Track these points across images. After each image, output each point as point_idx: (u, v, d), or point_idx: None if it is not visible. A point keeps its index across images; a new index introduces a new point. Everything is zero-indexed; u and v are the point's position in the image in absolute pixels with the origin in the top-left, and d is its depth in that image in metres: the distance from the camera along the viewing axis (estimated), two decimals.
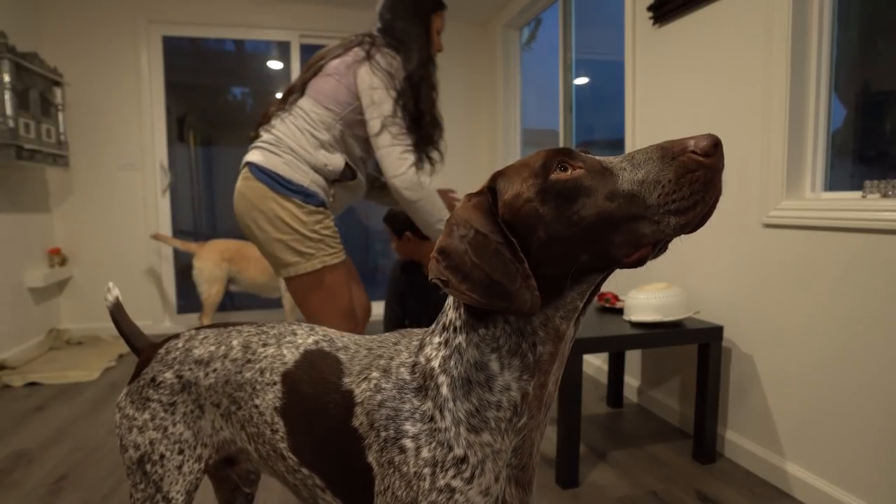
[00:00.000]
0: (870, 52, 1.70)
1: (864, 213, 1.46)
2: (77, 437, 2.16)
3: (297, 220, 1.50)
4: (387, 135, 1.52)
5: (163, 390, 0.88)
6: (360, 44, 1.59)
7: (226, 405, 0.87)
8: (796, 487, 1.68)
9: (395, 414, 0.69)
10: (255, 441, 0.85)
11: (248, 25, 3.93)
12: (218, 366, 0.87)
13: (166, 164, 3.87)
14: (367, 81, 1.53)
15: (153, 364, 0.90)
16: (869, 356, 1.47)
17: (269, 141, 1.57)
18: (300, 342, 0.86)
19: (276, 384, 0.81)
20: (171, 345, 0.92)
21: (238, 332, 0.91)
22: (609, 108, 2.80)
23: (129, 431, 0.87)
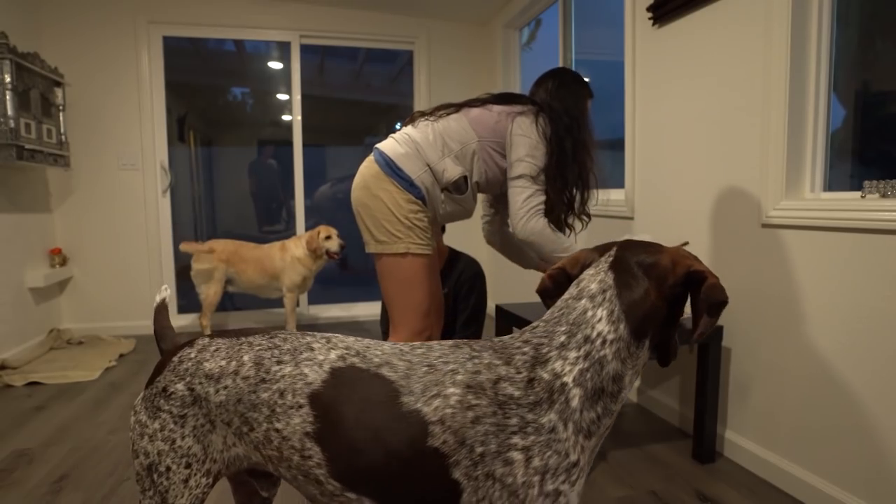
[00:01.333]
0: (869, 51, 1.71)
1: (863, 213, 1.46)
2: (77, 436, 2.17)
3: (395, 204, 1.62)
4: (521, 178, 1.65)
5: (174, 401, 0.85)
6: (525, 103, 1.73)
7: (237, 424, 0.83)
8: (796, 487, 1.68)
9: (497, 430, 0.71)
10: (276, 463, 0.82)
11: (248, 26, 3.94)
12: (229, 383, 0.83)
13: (167, 164, 3.88)
14: (523, 129, 1.66)
15: (166, 373, 0.88)
16: (869, 356, 1.47)
17: (401, 134, 1.71)
18: (321, 358, 0.82)
19: (303, 407, 0.78)
20: (183, 354, 0.90)
21: (249, 346, 0.87)
22: (609, 108, 2.80)
23: (141, 438, 0.86)
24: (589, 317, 0.76)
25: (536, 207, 1.66)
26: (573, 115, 1.71)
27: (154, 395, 0.87)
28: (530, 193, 1.65)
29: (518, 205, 1.66)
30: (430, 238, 1.68)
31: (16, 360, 3.00)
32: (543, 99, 1.75)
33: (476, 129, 1.68)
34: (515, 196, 1.66)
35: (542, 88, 1.78)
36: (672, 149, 2.21)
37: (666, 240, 2.25)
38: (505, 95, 1.77)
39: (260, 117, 4.39)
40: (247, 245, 3.58)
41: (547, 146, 1.66)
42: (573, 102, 1.73)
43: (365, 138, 4.67)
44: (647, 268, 0.79)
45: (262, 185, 4.42)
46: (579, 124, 1.71)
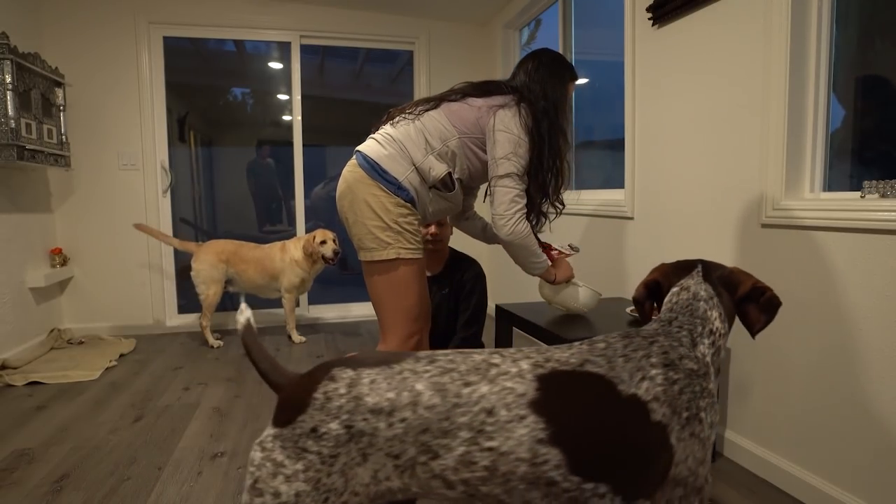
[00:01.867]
0: (869, 51, 1.71)
1: (862, 213, 1.46)
2: (78, 436, 2.17)
3: (382, 209, 1.58)
4: (506, 177, 1.62)
5: (325, 442, 0.81)
6: (504, 93, 1.69)
7: (411, 454, 0.82)
8: (796, 487, 1.68)
9: (692, 396, 0.89)
10: (480, 484, 0.83)
11: (248, 26, 3.94)
12: (407, 415, 0.82)
13: (167, 164, 3.88)
14: (504, 123, 1.62)
15: (311, 412, 0.83)
16: (868, 356, 1.47)
17: (382, 135, 1.67)
18: (514, 371, 0.86)
19: (526, 417, 0.82)
20: (329, 390, 0.84)
21: (415, 374, 0.86)
22: (609, 109, 2.80)
23: (273, 477, 0.80)
24: (709, 315, 0.99)
25: (521, 210, 1.64)
26: (551, 99, 1.67)
27: (298, 435, 0.82)
28: (515, 194, 1.63)
29: (504, 206, 1.63)
30: (419, 242, 1.65)
31: (16, 359, 3.01)
32: (523, 81, 1.71)
33: (456, 125, 1.64)
34: (501, 196, 1.63)
35: (523, 70, 1.75)
36: (672, 149, 2.21)
37: (666, 239, 2.25)
38: (484, 86, 1.71)
39: (260, 117, 4.39)
40: (247, 245, 3.58)
41: (529, 139, 1.63)
42: (552, 85, 1.69)
43: (364, 139, 4.66)
44: (724, 281, 1.06)
45: (260, 185, 4.42)
46: (556, 108, 1.68)
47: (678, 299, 1.04)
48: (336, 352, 3.38)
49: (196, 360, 3.22)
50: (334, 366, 0.89)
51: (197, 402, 2.55)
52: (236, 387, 2.76)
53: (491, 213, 1.67)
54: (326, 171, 4.47)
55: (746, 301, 1.04)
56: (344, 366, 0.88)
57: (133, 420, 2.33)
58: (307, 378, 0.88)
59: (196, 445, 2.09)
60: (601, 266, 2.73)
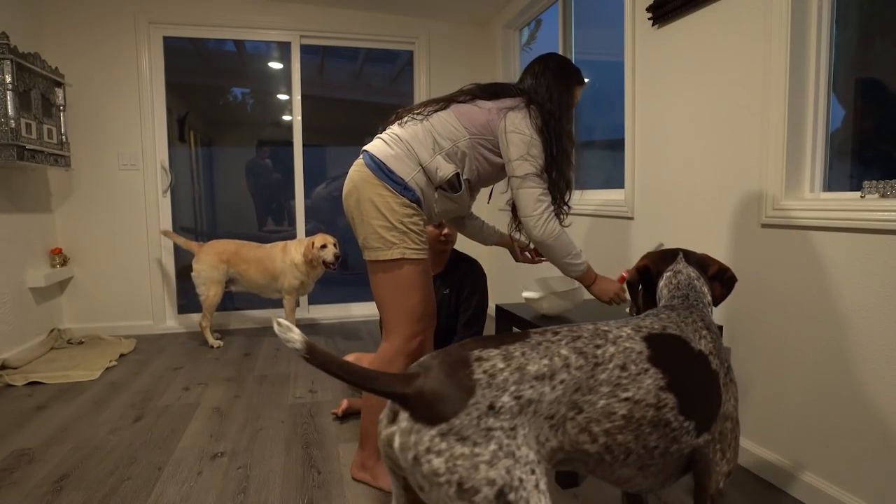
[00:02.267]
0: (869, 51, 1.71)
1: (862, 213, 1.46)
2: (78, 436, 2.17)
3: (388, 209, 1.59)
4: (526, 178, 1.62)
5: (504, 415, 0.84)
6: (513, 95, 1.69)
7: (562, 413, 0.91)
8: (796, 487, 1.68)
9: (724, 350, 1.14)
10: (617, 432, 0.95)
11: (248, 26, 3.94)
12: (565, 376, 0.91)
13: (167, 164, 3.88)
14: (515, 125, 1.62)
15: (481, 391, 0.84)
16: (868, 356, 1.47)
17: (389, 134, 1.67)
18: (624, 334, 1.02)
19: (650, 370, 0.99)
20: (487, 368, 0.86)
21: (552, 343, 0.94)
22: (609, 109, 2.80)
23: (476, 470, 0.79)
24: (704, 290, 1.24)
25: (548, 208, 1.63)
26: (556, 101, 1.68)
27: (477, 417, 0.82)
28: (539, 193, 1.62)
29: (531, 207, 1.62)
30: (424, 242, 1.66)
31: (16, 359, 3.01)
32: (530, 85, 1.72)
33: (466, 126, 1.64)
34: (525, 198, 1.62)
35: (530, 73, 1.75)
36: (672, 149, 2.21)
37: (666, 239, 2.25)
38: (492, 88, 1.72)
39: (260, 117, 4.39)
40: (249, 245, 3.57)
41: (541, 139, 1.63)
42: (558, 89, 1.69)
43: (365, 138, 4.65)
44: (699, 264, 1.30)
45: (258, 185, 4.42)
46: (562, 111, 1.68)
47: (678, 280, 1.25)
48: (336, 352, 3.38)
49: (196, 360, 3.22)
50: (469, 349, 0.90)
51: (197, 402, 2.55)
52: (236, 387, 2.76)
53: (520, 217, 1.67)
54: (326, 171, 4.47)
55: (713, 279, 1.30)
56: (481, 346, 0.90)
57: (133, 420, 2.33)
58: (446, 366, 0.87)
59: (196, 445, 2.09)
60: (601, 266, 2.73)
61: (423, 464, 0.80)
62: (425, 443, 0.80)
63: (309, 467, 1.91)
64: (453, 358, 0.88)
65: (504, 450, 0.82)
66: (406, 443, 0.82)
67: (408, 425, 0.82)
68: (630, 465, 1.00)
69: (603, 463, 0.98)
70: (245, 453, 2.02)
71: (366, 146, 1.69)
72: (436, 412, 0.82)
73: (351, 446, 2.07)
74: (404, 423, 0.83)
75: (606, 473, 1.02)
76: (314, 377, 2.90)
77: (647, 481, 1.05)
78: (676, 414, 1.00)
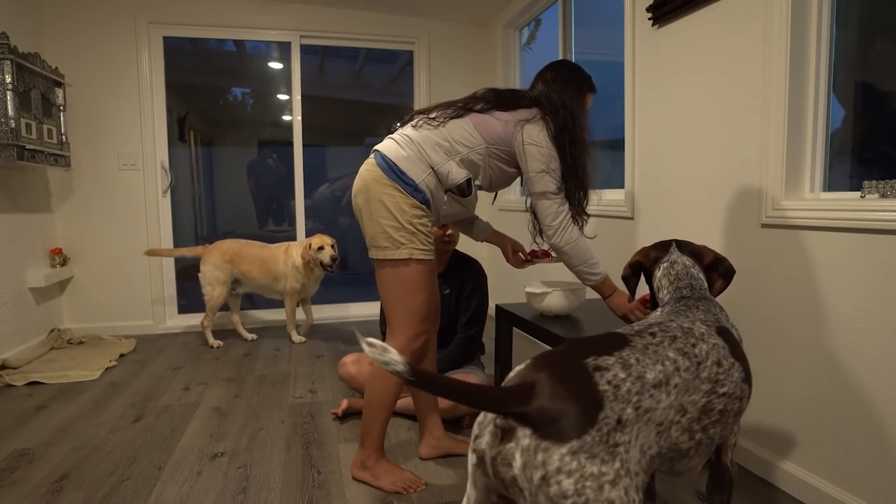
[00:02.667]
0: (869, 52, 1.71)
1: (862, 213, 1.46)
2: (78, 436, 2.17)
3: (398, 209, 1.60)
4: (544, 193, 1.65)
5: (627, 429, 0.80)
6: (527, 106, 1.70)
7: (670, 418, 0.90)
8: (796, 487, 1.68)
9: None
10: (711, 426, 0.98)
11: (248, 26, 3.94)
12: (677, 380, 0.91)
13: (167, 164, 3.88)
14: (533, 137, 1.65)
15: (610, 405, 0.80)
16: (868, 356, 1.47)
17: (401, 135, 1.69)
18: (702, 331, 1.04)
19: (735, 363, 1.03)
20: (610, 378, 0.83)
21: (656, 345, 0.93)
22: (609, 109, 2.80)
23: (601, 491, 0.74)
24: (701, 277, 1.27)
25: (567, 217, 1.67)
26: (569, 110, 1.69)
27: (607, 433, 0.78)
28: (558, 205, 1.66)
29: (550, 217, 1.66)
30: (431, 243, 1.68)
31: (16, 359, 3.01)
32: (542, 92, 1.73)
33: (483, 135, 1.66)
34: (545, 209, 1.66)
35: (541, 81, 1.77)
36: (672, 149, 2.21)
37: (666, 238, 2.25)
38: (506, 97, 1.73)
39: (260, 117, 4.39)
40: (254, 244, 3.56)
41: (558, 150, 1.66)
42: (569, 97, 1.70)
43: (365, 138, 4.67)
44: (694, 254, 1.32)
45: (261, 185, 4.42)
46: (575, 119, 1.69)
47: (675, 271, 1.27)
48: (336, 352, 3.38)
49: (196, 360, 3.22)
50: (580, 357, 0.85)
51: (197, 402, 2.55)
52: (236, 387, 2.76)
53: (541, 226, 1.71)
54: (326, 171, 4.47)
55: (709, 269, 1.31)
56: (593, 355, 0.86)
57: (133, 420, 2.33)
58: (565, 377, 0.82)
59: (196, 445, 2.09)
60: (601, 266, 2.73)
61: (552, 485, 0.74)
62: (555, 462, 0.75)
63: (309, 467, 1.91)
64: (568, 368, 0.83)
65: (624, 467, 0.78)
66: (532, 462, 0.76)
67: (532, 443, 0.77)
68: (703, 454, 1.02)
69: (685, 458, 0.98)
70: (245, 453, 2.02)
71: (377, 146, 1.71)
72: (565, 429, 0.76)
73: (351, 446, 2.07)
74: (526, 441, 0.77)
75: (678, 466, 1.00)
76: (314, 377, 2.90)
77: (700, 465, 1.07)
78: (747, 402, 1.06)
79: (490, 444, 0.83)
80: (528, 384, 0.81)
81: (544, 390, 0.80)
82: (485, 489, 0.89)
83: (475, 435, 0.87)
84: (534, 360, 0.87)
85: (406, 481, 1.75)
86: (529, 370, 0.85)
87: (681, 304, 1.16)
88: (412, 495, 1.72)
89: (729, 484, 1.18)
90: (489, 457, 0.82)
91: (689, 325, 1.03)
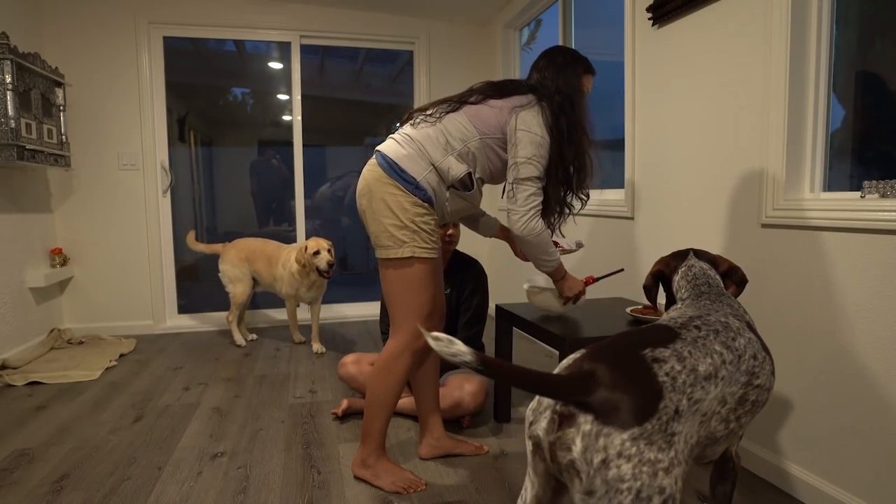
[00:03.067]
0: (869, 52, 1.71)
1: (862, 213, 1.46)
2: (78, 436, 2.17)
3: (400, 207, 1.61)
4: (527, 179, 1.65)
5: (682, 419, 0.85)
6: (523, 93, 1.70)
7: (713, 409, 0.94)
8: (796, 487, 1.69)
9: None
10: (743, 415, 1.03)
11: (248, 26, 3.94)
12: (724, 373, 0.96)
13: (167, 164, 3.88)
14: (526, 123, 1.64)
15: (669, 395, 0.84)
16: (868, 356, 1.47)
17: (401, 135, 1.70)
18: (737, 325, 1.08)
19: (767, 356, 1.09)
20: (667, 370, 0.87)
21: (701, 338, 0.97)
22: (609, 109, 2.80)
23: (655, 477, 0.78)
24: (719, 280, 1.30)
25: (537, 208, 1.67)
26: (565, 93, 1.69)
27: (666, 422, 0.82)
28: (532, 192, 1.65)
29: (521, 202, 1.66)
30: (435, 241, 1.68)
31: (16, 359, 3.01)
32: (537, 79, 1.74)
33: (477, 126, 1.67)
34: (519, 193, 1.66)
35: (536, 68, 1.77)
36: (672, 149, 2.21)
37: (666, 239, 2.25)
38: (501, 85, 1.74)
39: (260, 117, 4.39)
40: (269, 243, 3.55)
41: (551, 136, 1.66)
42: (565, 80, 1.71)
43: (365, 138, 4.67)
44: (710, 261, 1.37)
45: (263, 185, 4.42)
46: (572, 102, 1.69)
47: (693, 273, 1.31)
48: (337, 352, 3.38)
49: (196, 360, 3.22)
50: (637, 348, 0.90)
51: (197, 402, 2.55)
52: (236, 387, 2.76)
53: (507, 207, 1.70)
54: (326, 171, 4.47)
55: (724, 276, 1.36)
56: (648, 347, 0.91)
57: (133, 420, 2.33)
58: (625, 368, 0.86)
59: (196, 445, 2.09)
60: (601, 266, 2.73)
61: (612, 468, 0.78)
62: (616, 447, 0.78)
63: (309, 467, 1.91)
64: (628, 359, 0.87)
65: (678, 456, 0.81)
66: (593, 446, 0.79)
67: (593, 428, 0.80)
68: (730, 441, 1.07)
69: (716, 444, 1.03)
70: (245, 453, 2.02)
71: (378, 146, 1.71)
72: (626, 416, 0.80)
73: (351, 446, 2.07)
74: (588, 427, 0.80)
75: (707, 452, 1.05)
76: (314, 377, 2.90)
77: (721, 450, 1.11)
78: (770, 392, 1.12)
79: (547, 430, 0.85)
80: (588, 373, 0.85)
81: (605, 380, 0.83)
82: (545, 474, 0.92)
83: (530, 422, 0.90)
84: (590, 351, 0.91)
85: (406, 481, 1.75)
86: (586, 360, 0.88)
87: (702, 299, 1.19)
88: (412, 495, 1.72)
89: (733, 473, 1.22)
90: (546, 442, 0.85)
91: (725, 320, 1.06)
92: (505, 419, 2.29)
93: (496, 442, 2.11)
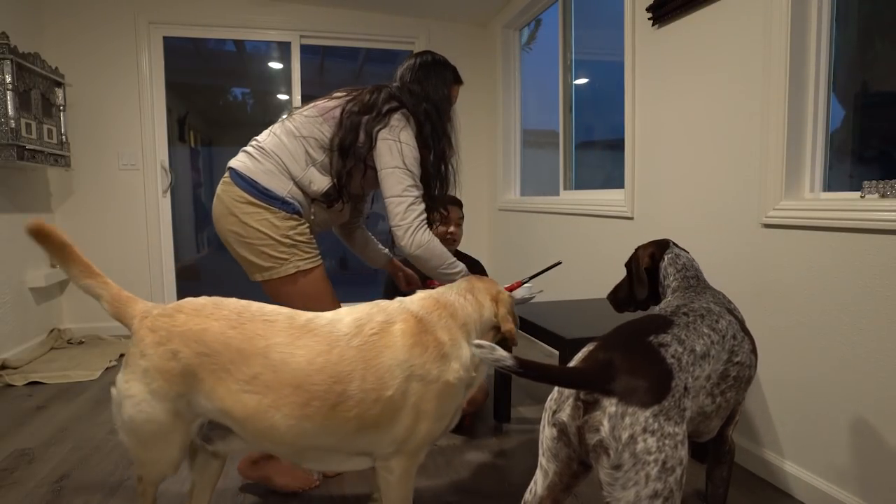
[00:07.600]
0: (869, 52, 1.71)
1: (862, 213, 1.46)
2: (78, 436, 2.17)
3: (270, 226, 1.52)
4: (399, 185, 1.53)
5: (690, 395, 0.94)
6: (386, 100, 1.60)
7: (701, 384, 1.02)
8: (796, 487, 1.69)
9: None
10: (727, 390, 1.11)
11: (248, 26, 3.94)
12: (714, 352, 1.05)
13: (167, 164, 3.88)
14: (391, 132, 1.55)
15: (678, 375, 0.93)
16: (868, 356, 1.47)
17: (255, 147, 1.60)
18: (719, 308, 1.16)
19: (745, 337, 1.17)
20: (672, 353, 0.96)
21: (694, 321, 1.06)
22: (609, 109, 2.81)
23: (676, 449, 0.86)
24: (701, 272, 1.38)
25: (420, 218, 1.54)
26: (433, 100, 1.62)
27: (678, 399, 0.90)
28: (410, 203, 1.52)
29: (399, 216, 1.52)
30: (314, 247, 1.59)
31: (16, 359, 3.01)
32: (405, 83, 1.66)
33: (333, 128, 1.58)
34: (394, 207, 1.52)
35: (406, 68, 1.69)
36: (672, 149, 2.21)
37: None
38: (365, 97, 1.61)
39: (260, 117, 4.40)
40: None
41: (417, 143, 1.57)
42: (433, 86, 1.64)
43: None
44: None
45: None
46: (439, 110, 1.63)
47: (682, 262, 1.38)
48: None
49: None
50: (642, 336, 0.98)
51: None
52: None
53: (390, 225, 1.55)
54: None
55: None
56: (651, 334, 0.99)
57: None
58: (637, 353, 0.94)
59: None
60: (601, 266, 2.73)
61: (639, 442, 0.85)
62: (641, 423, 0.86)
63: None
64: (636, 346, 0.96)
65: (687, 429, 0.90)
66: (620, 424, 0.86)
67: (618, 409, 0.87)
68: (721, 416, 1.15)
69: (707, 419, 1.11)
70: (244, 453, 2.02)
71: (231, 162, 1.60)
72: (646, 396, 0.88)
73: None
74: (613, 409, 0.87)
75: (702, 427, 1.14)
76: None
77: (716, 427, 1.19)
78: (754, 371, 1.19)
79: (572, 416, 0.94)
80: (606, 362, 0.92)
81: (623, 366, 0.91)
82: (566, 460, 0.98)
83: (553, 410, 0.98)
84: (602, 342, 0.99)
85: (299, 479, 1.70)
86: (600, 351, 0.96)
87: (689, 292, 1.28)
88: None
89: (729, 454, 1.28)
90: (574, 426, 0.93)
91: (707, 306, 1.15)
92: (505, 419, 2.29)
93: (496, 442, 2.11)
